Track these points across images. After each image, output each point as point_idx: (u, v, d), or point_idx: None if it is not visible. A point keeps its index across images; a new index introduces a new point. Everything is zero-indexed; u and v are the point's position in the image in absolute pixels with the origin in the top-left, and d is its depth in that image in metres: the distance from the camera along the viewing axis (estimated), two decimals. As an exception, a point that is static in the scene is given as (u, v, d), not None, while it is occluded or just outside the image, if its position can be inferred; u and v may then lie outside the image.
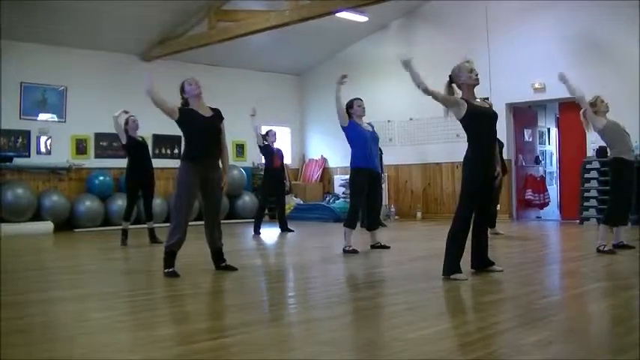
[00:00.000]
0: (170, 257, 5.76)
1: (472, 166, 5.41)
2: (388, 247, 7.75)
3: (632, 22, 10.63)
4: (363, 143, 7.51)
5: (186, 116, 5.86)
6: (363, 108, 7.76)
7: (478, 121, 5.41)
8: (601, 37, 11.15)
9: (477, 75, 5.55)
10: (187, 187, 5.76)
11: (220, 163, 6.04)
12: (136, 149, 8.81)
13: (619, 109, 10.76)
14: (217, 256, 6.05)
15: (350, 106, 7.66)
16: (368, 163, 7.50)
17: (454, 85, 5.55)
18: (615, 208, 6.95)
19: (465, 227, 5.41)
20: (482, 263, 5.60)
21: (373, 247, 7.74)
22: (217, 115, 6.02)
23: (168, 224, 6.14)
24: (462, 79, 5.49)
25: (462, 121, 5.42)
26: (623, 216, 7.09)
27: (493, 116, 5.57)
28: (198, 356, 3.19)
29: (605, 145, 9.76)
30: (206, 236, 6.01)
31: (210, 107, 6.04)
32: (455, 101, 5.42)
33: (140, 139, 8.95)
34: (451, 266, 5.31)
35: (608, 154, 7.14)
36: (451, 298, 4.82)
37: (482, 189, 5.43)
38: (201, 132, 5.85)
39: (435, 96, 5.40)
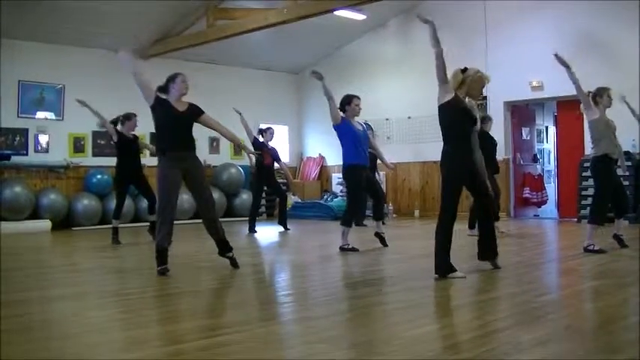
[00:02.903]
0: (161, 255, 5.73)
1: (450, 163, 5.40)
2: (386, 245, 7.75)
3: (630, 19, 10.64)
4: (355, 141, 7.43)
5: (160, 105, 5.86)
6: (360, 108, 7.66)
7: (459, 117, 5.39)
8: (599, 35, 11.16)
9: (480, 93, 5.75)
10: (167, 182, 5.74)
11: (228, 139, 6.51)
12: (125, 146, 8.78)
13: (618, 107, 10.82)
14: (223, 244, 6.01)
15: (348, 102, 7.57)
16: (360, 160, 7.44)
17: (462, 76, 5.51)
18: (601, 206, 6.95)
19: (451, 222, 5.39)
20: (488, 252, 5.60)
21: (377, 235, 7.73)
22: (192, 111, 5.98)
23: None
24: (470, 78, 5.48)
25: (441, 109, 5.41)
26: (606, 214, 7.09)
27: (473, 118, 5.53)
28: (194, 354, 3.19)
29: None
30: (207, 229, 5.98)
31: (188, 103, 5.99)
32: (447, 85, 5.42)
33: (131, 136, 8.90)
34: (442, 265, 5.29)
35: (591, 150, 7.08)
36: (449, 296, 4.82)
37: (464, 183, 5.46)
38: (169, 124, 5.83)
39: (440, 65, 5.42)
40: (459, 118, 5.39)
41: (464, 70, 5.56)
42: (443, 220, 5.38)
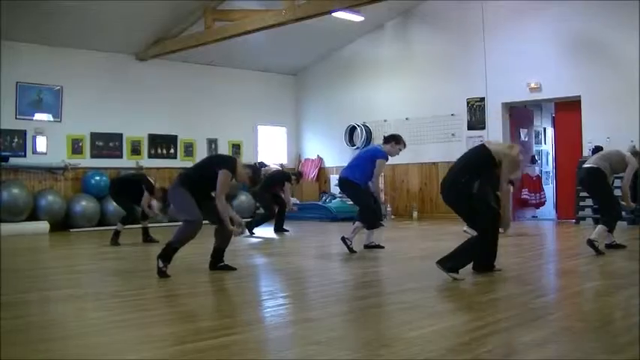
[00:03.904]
0: (170, 252, 5.73)
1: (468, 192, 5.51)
2: (382, 247, 7.75)
3: (628, 20, 10.65)
4: (374, 172, 7.62)
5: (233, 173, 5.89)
6: (398, 154, 7.87)
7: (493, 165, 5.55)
8: (597, 37, 11.17)
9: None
10: (189, 195, 5.76)
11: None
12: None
13: (617, 108, 10.86)
14: (218, 255, 6.03)
15: (396, 141, 7.72)
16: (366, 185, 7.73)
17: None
18: (616, 213, 6.99)
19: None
20: (487, 266, 5.62)
21: (367, 247, 7.73)
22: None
23: (162, 224, 6.10)
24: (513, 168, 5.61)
25: (490, 162, 5.50)
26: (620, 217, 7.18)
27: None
28: (195, 356, 3.19)
29: (600, 145, 9.82)
30: (215, 232, 6.00)
31: None
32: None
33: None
34: (458, 265, 5.32)
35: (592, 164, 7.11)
36: (448, 297, 4.83)
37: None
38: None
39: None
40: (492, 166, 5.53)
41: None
42: (488, 234, 5.46)
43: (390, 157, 7.82)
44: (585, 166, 7.18)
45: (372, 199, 7.69)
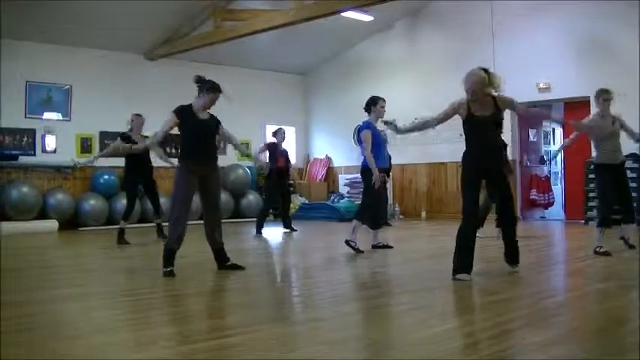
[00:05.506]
0: (169, 256, 5.76)
1: (464, 160, 5.74)
2: (391, 247, 7.73)
3: (636, 21, 10.59)
4: (380, 144, 7.48)
5: (185, 116, 5.85)
6: (384, 110, 7.58)
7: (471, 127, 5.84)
8: (606, 37, 11.11)
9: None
10: (184, 185, 5.77)
11: (240, 151, 6.86)
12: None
13: (626, 109, 10.77)
14: (220, 255, 6.05)
15: (374, 103, 7.53)
16: (382, 164, 7.51)
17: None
18: (605, 211, 6.94)
19: (472, 225, 5.45)
20: (507, 257, 5.65)
21: (375, 247, 7.70)
22: (213, 120, 6.04)
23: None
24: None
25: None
26: (611, 216, 7.05)
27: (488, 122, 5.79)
28: (201, 355, 3.19)
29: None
30: (206, 236, 6.01)
31: (208, 113, 6.02)
32: (454, 111, 6.03)
33: (140, 137, 8.94)
34: (456, 266, 5.29)
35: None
36: (456, 298, 4.81)
37: (479, 177, 5.62)
38: (197, 132, 5.87)
39: (442, 119, 6.11)
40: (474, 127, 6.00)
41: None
42: (468, 220, 5.52)
43: (379, 119, 7.50)
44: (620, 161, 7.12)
45: (378, 199, 7.59)
